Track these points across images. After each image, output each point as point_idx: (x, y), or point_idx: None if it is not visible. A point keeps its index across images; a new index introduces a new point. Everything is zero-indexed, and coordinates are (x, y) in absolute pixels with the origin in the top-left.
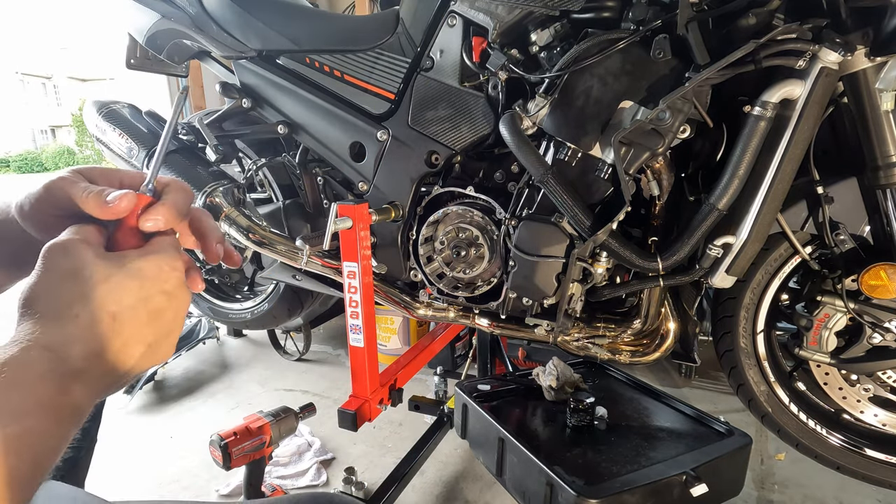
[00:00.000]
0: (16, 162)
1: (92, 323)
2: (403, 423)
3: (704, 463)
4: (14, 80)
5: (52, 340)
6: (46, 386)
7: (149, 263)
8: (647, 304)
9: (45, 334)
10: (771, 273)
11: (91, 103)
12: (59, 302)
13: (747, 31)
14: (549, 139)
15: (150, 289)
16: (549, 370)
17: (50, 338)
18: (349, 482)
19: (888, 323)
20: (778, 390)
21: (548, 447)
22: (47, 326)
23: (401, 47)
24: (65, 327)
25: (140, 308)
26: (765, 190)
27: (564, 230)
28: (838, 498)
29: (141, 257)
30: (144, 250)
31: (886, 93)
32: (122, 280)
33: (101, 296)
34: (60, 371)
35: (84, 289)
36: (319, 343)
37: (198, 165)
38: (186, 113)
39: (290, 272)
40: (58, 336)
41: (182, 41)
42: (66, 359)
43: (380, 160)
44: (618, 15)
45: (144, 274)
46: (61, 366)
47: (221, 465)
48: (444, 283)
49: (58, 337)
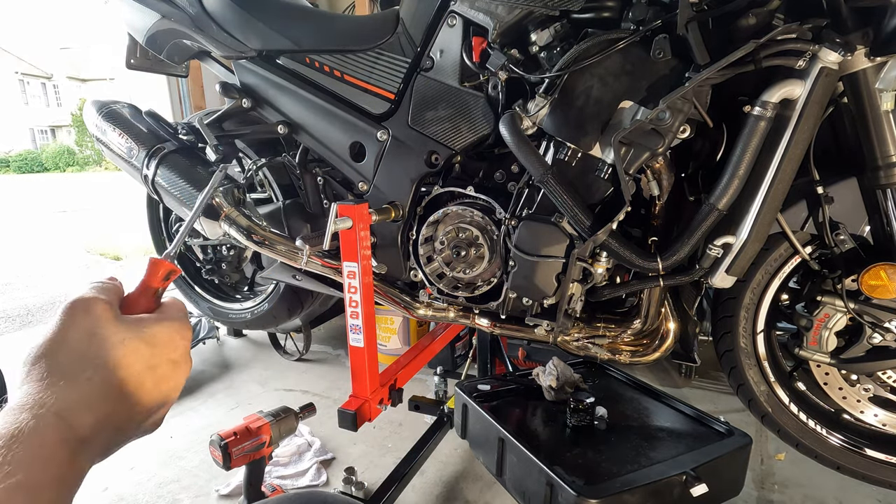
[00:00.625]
0: (16, 162)
1: (103, 389)
2: (403, 423)
3: (704, 463)
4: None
5: (65, 407)
6: (60, 458)
7: (163, 330)
8: (647, 304)
9: (59, 400)
10: (771, 273)
11: (91, 103)
12: (74, 362)
13: (747, 31)
14: (549, 139)
15: (160, 356)
16: (549, 370)
17: (63, 404)
18: (349, 482)
19: (888, 323)
20: (778, 390)
21: (548, 447)
22: (60, 390)
23: (401, 47)
24: (77, 392)
25: (147, 375)
26: (765, 190)
27: (564, 230)
28: (838, 498)
29: (156, 323)
30: (159, 317)
31: (886, 93)
32: (136, 345)
33: (114, 360)
34: (70, 441)
35: (100, 351)
36: (319, 343)
37: (198, 165)
38: (186, 113)
39: (290, 272)
40: (70, 402)
41: (182, 41)
42: (76, 427)
43: (380, 160)
44: (618, 15)
45: (157, 340)
46: (72, 434)
47: (221, 465)
48: (444, 283)
49: (70, 403)
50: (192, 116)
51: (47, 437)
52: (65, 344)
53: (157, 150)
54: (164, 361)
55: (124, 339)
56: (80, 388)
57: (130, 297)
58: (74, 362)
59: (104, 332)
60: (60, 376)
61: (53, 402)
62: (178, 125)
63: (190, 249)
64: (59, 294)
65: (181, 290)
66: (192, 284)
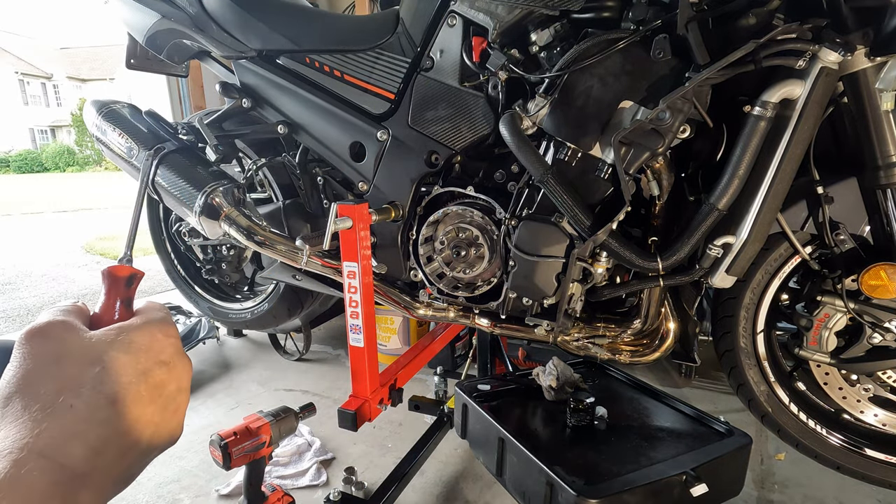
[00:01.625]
0: (16, 162)
1: (89, 412)
2: (403, 423)
3: (704, 463)
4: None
5: (48, 444)
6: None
7: (140, 334)
8: (647, 304)
9: (39, 437)
10: (771, 273)
11: (91, 103)
12: (47, 394)
13: (747, 31)
14: (549, 139)
15: (146, 361)
16: (549, 370)
17: (45, 441)
18: (349, 482)
19: (888, 323)
20: (778, 390)
21: (548, 447)
22: (39, 426)
23: (401, 47)
24: (60, 423)
25: (139, 385)
26: (765, 190)
27: (564, 230)
28: (838, 498)
29: (132, 328)
30: (133, 321)
31: (886, 93)
32: (114, 356)
33: (94, 379)
34: (63, 482)
35: (73, 373)
36: (319, 343)
37: (198, 165)
38: (186, 113)
39: (290, 272)
40: (53, 437)
41: (182, 41)
42: (67, 465)
43: (380, 160)
44: (618, 15)
45: (137, 346)
46: (63, 475)
47: (221, 465)
48: (444, 283)
49: (53, 439)
50: (192, 116)
51: (34, 482)
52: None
53: (157, 150)
54: (153, 365)
55: (99, 356)
56: (62, 418)
57: (97, 316)
58: (48, 395)
59: (73, 352)
60: (37, 414)
61: (35, 442)
62: (178, 125)
63: (190, 249)
64: (58, 294)
65: (181, 290)
66: (192, 284)
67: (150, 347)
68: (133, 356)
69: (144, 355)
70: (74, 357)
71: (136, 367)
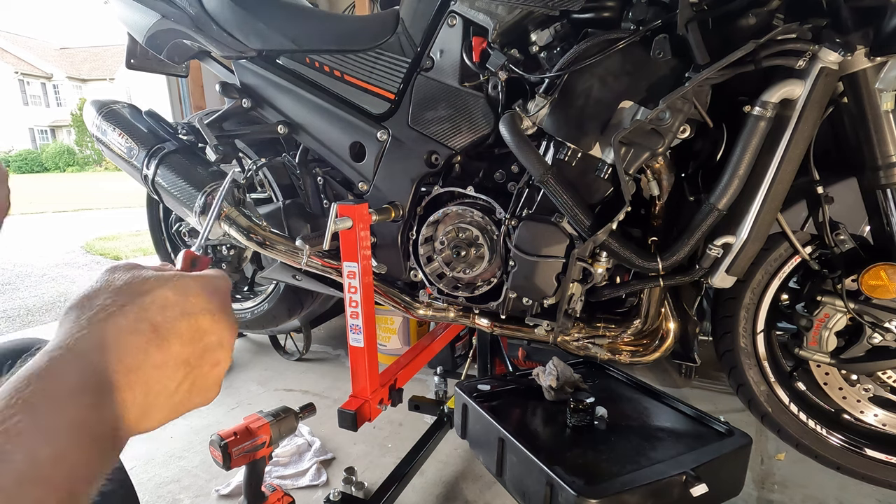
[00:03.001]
0: (15, 162)
1: (130, 330)
2: (403, 423)
3: (704, 463)
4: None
5: (83, 347)
6: (79, 400)
7: (196, 282)
8: (647, 304)
9: (78, 341)
10: (771, 273)
11: (91, 103)
12: (98, 307)
13: (747, 31)
14: (549, 139)
15: (195, 306)
16: (549, 370)
17: (82, 344)
18: (349, 482)
19: (888, 323)
20: (778, 390)
21: (548, 447)
22: (81, 331)
23: (401, 47)
24: (99, 332)
25: (182, 323)
26: (765, 190)
27: (564, 230)
28: (838, 498)
29: (185, 276)
30: (193, 272)
31: (886, 93)
32: (164, 293)
33: (141, 305)
34: (93, 384)
35: (125, 297)
36: (319, 343)
37: (198, 165)
38: (186, 113)
39: (290, 272)
40: (91, 342)
41: (182, 41)
42: (98, 369)
43: (380, 160)
44: (618, 15)
45: (190, 290)
46: (94, 377)
47: (221, 465)
48: (444, 283)
49: (90, 343)
50: (192, 116)
51: (64, 377)
52: (93, 293)
53: (157, 150)
54: (200, 311)
55: (153, 287)
56: (103, 329)
57: None
58: (99, 308)
59: (132, 282)
60: (86, 320)
61: (73, 343)
62: (178, 125)
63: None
64: (58, 294)
65: None
66: None
67: (198, 294)
68: (182, 297)
69: (193, 299)
70: (132, 286)
71: (182, 307)
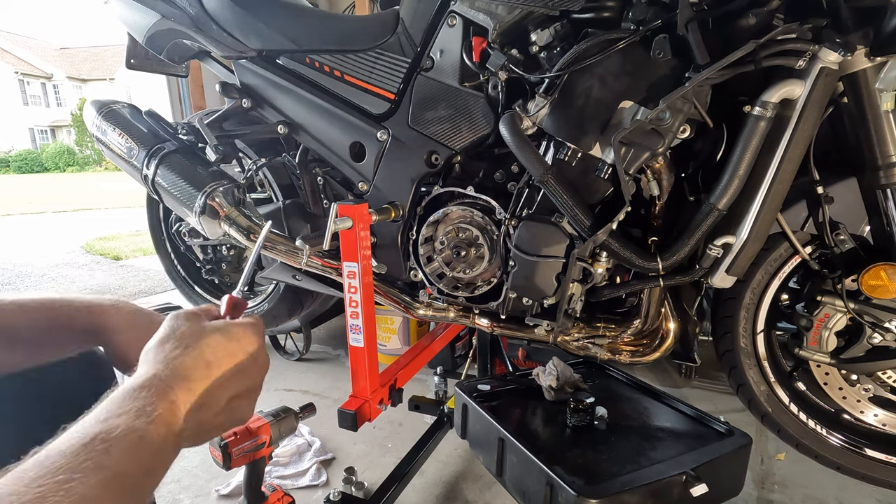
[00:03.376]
0: (15, 162)
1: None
2: (403, 423)
3: (704, 463)
4: (14, 80)
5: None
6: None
7: (238, 328)
8: (647, 304)
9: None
10: (771, 273)
11: (91, 103)
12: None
13: (747, 31)
14: (549, 139)
15: (237, 348)
16: (549, 370)
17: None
18: (349, 482)
19: (888, 323)
20: (778, 390)
21: (548, 447)
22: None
23: (401, 47)
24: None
25: (228, 361)
26: (765, 190)
27: (564, 230)
28: (838, 498)
29: (234, 324)
30: (236, 321)
31: (886, 93)
32: (218, 337)
33: (199, 347)
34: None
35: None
36: (319, 343)
37: (198, 165)
38: (186, 113)
39: (290, 272)
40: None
41: (182, 41)
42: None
43: (380, 160)
44: (618, 15)
45: (234, 335)
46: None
47: (221, 465)
48: (444, 283)
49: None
50: (192, 116)
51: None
52: (165, 340)
53: (157, 150)
54: (241, 351)
55: (208, 333)
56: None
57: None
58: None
59: (192, 329)
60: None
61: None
62: (178, 125)
63: (190, 249)
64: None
65: (181, 290)
66: (192, 284)
67: (241, 338)
68: (228, 341)
69: (237, 342)
70: (191, 332)
71: (227, 349)
